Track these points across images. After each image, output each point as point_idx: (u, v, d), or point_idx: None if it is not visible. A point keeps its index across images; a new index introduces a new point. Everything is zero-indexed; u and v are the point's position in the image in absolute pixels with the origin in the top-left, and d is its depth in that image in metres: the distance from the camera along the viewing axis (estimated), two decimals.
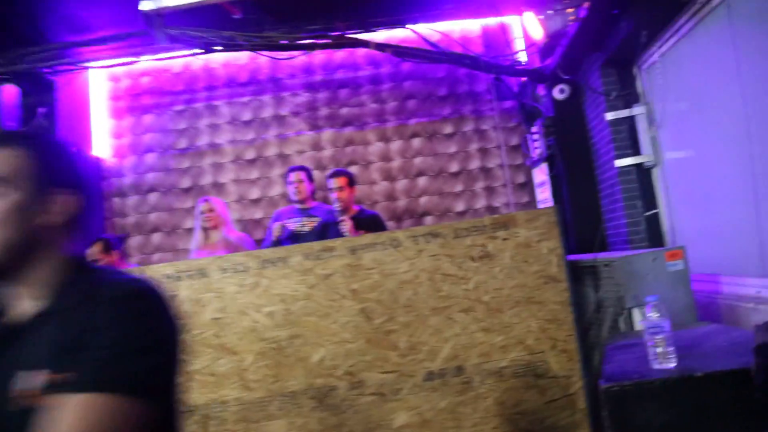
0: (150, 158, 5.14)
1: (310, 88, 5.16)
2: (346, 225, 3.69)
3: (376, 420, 2.79)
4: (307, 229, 3.91)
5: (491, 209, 5.06)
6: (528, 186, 5.06)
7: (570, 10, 3.20)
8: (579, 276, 2.99)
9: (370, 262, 2.85)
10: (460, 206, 5.07)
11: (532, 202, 5.01)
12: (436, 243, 2.85)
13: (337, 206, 3.82)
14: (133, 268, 2.88)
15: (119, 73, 5.19)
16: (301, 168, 4.04)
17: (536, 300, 2.81)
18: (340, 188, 3.82)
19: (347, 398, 2.80)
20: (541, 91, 4.47)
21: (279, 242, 3.80)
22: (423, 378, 2.80)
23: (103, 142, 5.13)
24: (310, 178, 4.02)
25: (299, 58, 5.13)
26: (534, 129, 4.61)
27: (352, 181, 3.92)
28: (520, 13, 3.72)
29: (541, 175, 4.68)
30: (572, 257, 3.27)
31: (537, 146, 4.59)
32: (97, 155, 5.08)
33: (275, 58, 4.69)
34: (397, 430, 2.78)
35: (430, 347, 2.81)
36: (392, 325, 2.82)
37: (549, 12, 3.23)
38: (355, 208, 4.03)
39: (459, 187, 5.08)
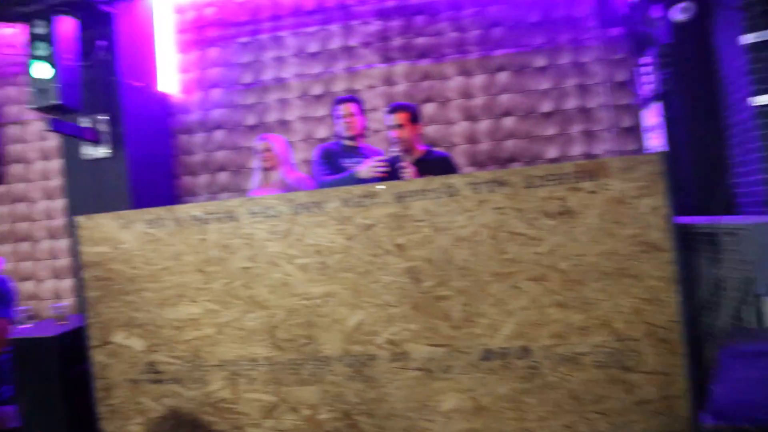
0: (216, 94, 4.87)
1: (381, 16, 4.60)
2: (408, 172, 3.17)
3: (421, 399, 2.36)
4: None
5: (590, 157, 4.32)
6: (636, 130, 4.26)
7: None
8: (691, 245, 2.33)
9: (419, 213, 2.36)
10: (552, 152, 4.39)
11: (640, 150, 4.23)
12: (501, 193, 2.30)
13: (396, 148, 3.32)
14: (160, 208, 2.59)
15: (184, 4, 4.90)
16: (351, 99, 3.57)
17: (630, 273, 2.20)
18: (401, 126, 3.29)
19: (388, 371, 2.39)
20: (656, 12, 3.61)
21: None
22: (479, 356, 2.32)
23: (169, 76, 4.91)
24: (362, 112, 3.54)
25: None
26: (645, 61, 3.79)
27: (415, 117, 3.37)
28: None
29: (652, 117, 3.88)
30: (684, 220, 2.58)
31: (648, 82, 3.78)
32: (164, 91, 4.88)
33: None
34: (445, 414, 2.35)
35: (489, 320, 2.30)
36: (444, 290, 2.34)
37: None
38: (420, 149, 3.49)
39: (552, 130, 4.38)
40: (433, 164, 3.43)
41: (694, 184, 3.56)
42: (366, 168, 3.24)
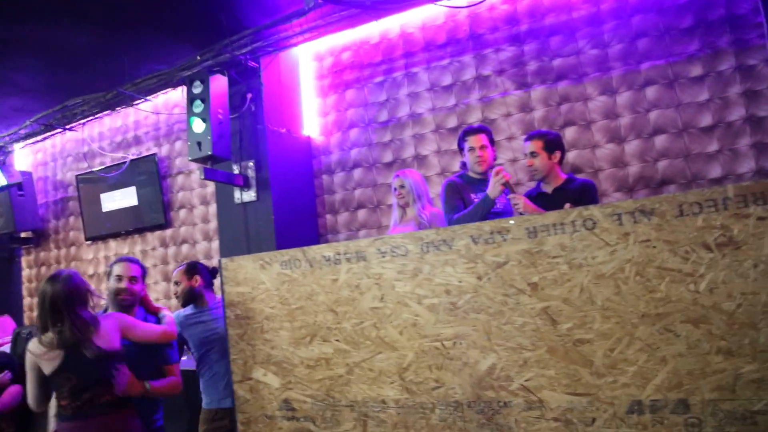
0: (353, 134, 5.05)
1: (514, 41, 4.45)
2: (518, 204, 3.00)
3: None
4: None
5: (764, 174, 3.76)
6: None
7: None
8: None
9: (554, 249, 2.18)
10: (715, 171, 3.88)
11: None
12: (649, 223, 2.04)
13: (536, 175, 3.21)
14: (294, 249, 2.68)
15: (322, 52, 5.19)
16: (481, 129, 3.42)
17: None
18: (533, 154, 3.14)
19: (523, 420, 2.21)
20: None
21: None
22: (627, 409, 2.05)
23: (311, 121, 5.19)
24: (492, 142, 3.40)
25: (501, 7, 4.48)
26: None
27: (550, 144, 3.19)
28: None
29: None
30: None
31: None
32: (307, 135, 5.16)
33: (471, 5, 4.12)
34: None
35: (638, 368, 2.04)
36: (584, 333, 2.12)
37: None
38: (561, 177, 3.28)
39: (714, 147, 3.88)
40: (573, 193, 3.20)
41: None
42: (492, 186, 3.10)
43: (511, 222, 2.26)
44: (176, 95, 5.60)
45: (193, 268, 3.40)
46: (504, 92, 4.49)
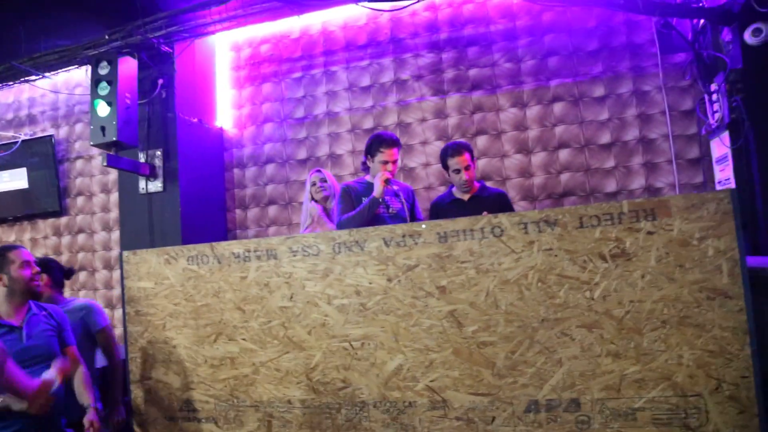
0: (268, 128, 4.94)
1: (434, 48, 4.55)
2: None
3: None
4: None
5: (652, 191, 4.08)
6: (703, 162, 3.99)
7: None
8: (766, 291, 2.10)
9: (463, 254, 2.25)
10: (611, 186, 4.16)
11: (708, 184, 3.95)
12: (552, 233, 2.16)
13: (466, 187, 3.32)
14: (202, 245, 2.59)
15: (240, 42, 5.05)
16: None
17: (693, 322, 2.00)
18: (467, 167, 3.26)
19: (427, 419, 2.26)
20: (726, 36, 3.40)
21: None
22: (524, 408, 2.16)
23: (225, 112, 5.03)
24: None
25: (422, 14, 4.56)
26: (714, 87, 3.56)
27: (473, 155, 3.34)
28: None
29: (721, 147, 3.62)
30: (757, 262, 2.35)
31: (717, 110, 3.54)
32: (220, 126, 5.00)
33: (394, 10, 4.16)
34: None
35: (536, 369, 2.14)
36: (488, 336, 2.20)
37: None
38: (475, 185, 3.39)
39: (611, 163, 4.16)
40: (488, 201, 3.32)
41: (767, 220, 3.27)
42: (377, 186, 3.15)
43: (423, 226, 2.31)
44: (79, 74, 5.23)
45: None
46: (420, 97, 4.58)
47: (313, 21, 4.81)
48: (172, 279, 2.63)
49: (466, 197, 3.36)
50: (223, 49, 5.08)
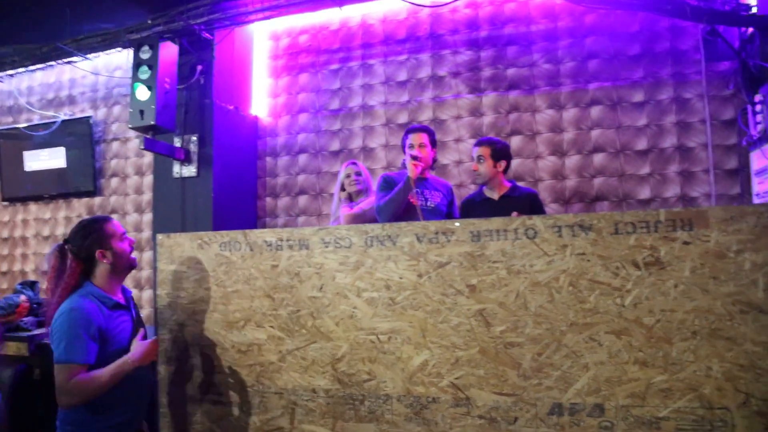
0: (303, 119, 4.99)
1: (472, 46, 4.54)
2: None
3: None
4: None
5: (687, 200, 4.02)
6: (742, 174, 3.91)
7: None
8: None
9: (495, 254, 2.25)
10: (644, 193, 4.11)
11: (745, 195, 3.87)
12: (586, 238, 2.14)
13: (478, 179, 3.33)
14: (235, 231, 2.63)
15: (279, 32, 5.10)
16: (423, 129, 3.41)
17: (725, 334, 1.98)
18: (480, 159, 3.26)
19: (450, 416, 2.27)
20: None
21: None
22: (548, 410, 2.15)
23: (260, 101, 5.09)
24: (434, 143, 3.42)
25: (463, 11, 4.54)
26: (759, 98, 3.48)
27: (497, 153, 3.31)
28: None
29: (762, 159, 3.54)
30: None
31: (760, 121, 3.46)
32: (255, 114, 5.06)
33: (423, 6, 4.16)
34: None
35: (561, 373, 2.14)
36: (515, 337, 2.20)
37: None
38: (505, 184, 3.39)
39: (646, 170, 4.11)
40: (518, 201, 3.31)
41: None
42: (409, 167, 3.15)
43: (457, 224, 2.32)
44: (119, 57, 5.34)
45: None
46: (457, 95, 4.57)
47: (352, 13, 4.83)
48: (204, 264, 2.68)
49: (496, 197, 3.36)
50: (262, 38, 5.13)
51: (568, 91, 4.30)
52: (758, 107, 3.49)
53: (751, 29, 3.52)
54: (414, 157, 3.16)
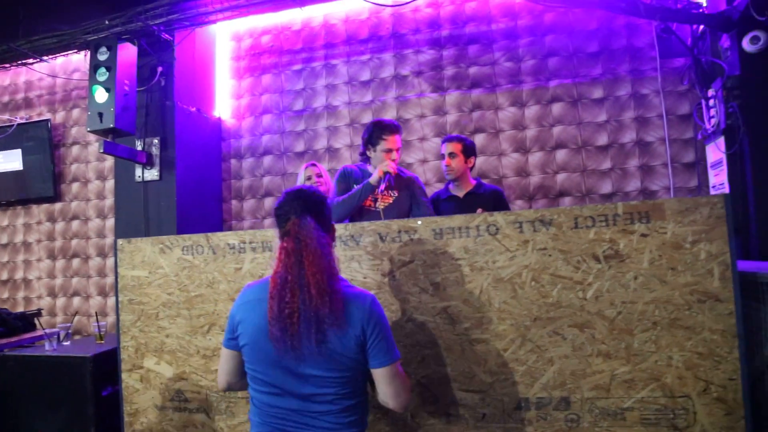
0: (267, 120, 4.94)
1: (435, 45, 4.55)
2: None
3: None
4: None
5: (647, 193, 4.10)
6: (698, 167, 4.01)
7: None
8: (755, 295, 2.12)
9: (458, 251, 2.26)
10: (606, 187, 4.18)
11: (702, 188, 3.97)
12: (547, 233, 2.17)
13: (450, 175, 3.37)
14: (198, 234, 2.58)
15: (241, 33, 5.03)
16: (395, 128, 3.28)
17: (684, 324, 2.03)
18: (452, 155, 3.33)
19: (417, 414, 2.27)
20: (724, 42, 3.42)
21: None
22: (515, 405, 2.18)
23: (223, 102, 5.02)
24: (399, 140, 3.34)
25: (424, 10, 4.56)
26: (711, 93, 3.58)
27: (467, 150, 3.37)
28: None
29: (717, 152, 3.64)
30: (747, 266, 2.37)
31: (713, 115, 3.56)
32: (218, 116, 4.99)
33: (384, 5, 4.16)
34: None
35: (527, 368, 2.16)
36: (480, 334, 2.22)
37: None
38: (471, 182, 3.43)
39: (607, 165, 4.18)
40: (483, 198, 3.34)
41: (759, 226, 3.30)
42: (375, 173, 3.07)
43: (419, 222, 2.32)
44: (78, 59, 5.21)
45: None
46: (420, 93, 4.58)
47: (315, 13, 4.79)
48: (167, 268, 2.63)
49: (461, 194, 3.39)
50: (224, 39, 5.06)
51: (530, 88, 4.35)
52: (711, 102, 3.59)
53: (702, 26, 3.61)
54: (386, 171, 3.06)
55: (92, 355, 3.11)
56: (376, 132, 3.20)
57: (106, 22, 4.26)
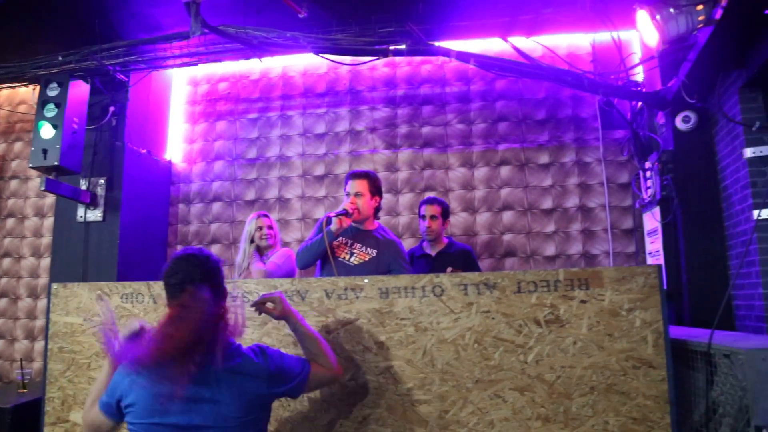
0: (219, 166, 4.90)
1: (390, 103, 4.69)
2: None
3: None
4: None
5: (588, 257, 4.25)
6: (636, 233, 4.20)
7: (700, 8, 2.40)
8: (686, 361, 2.21)
9: (403, 311, 2.27)
10: (550, 250, 4.32)
11: (640, 253, 4.15)
12: (491, 296, 2.21)
13: (430, 236, 3.50)
14: (138, 282, 2.50)
15: (198, 78, 5.05)
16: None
17: (620, 389, 2.08)
18: (434, 217, 3.47)
19: None
20: (660, 119, 3.66)
21: None
22: None
23: (175, 146, 4.97)
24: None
25: (382, 69, 4.70)
26: (648, 165, 3.80)
27: (446, 212, 3.56)
28: (634, 17, 2.93)
29: (653, 221, 3.84)
30: (679, 333, 2.47)
31: (650, 186, 3.76)
32: (169, 159, 4.93)
33: (343, 63, 4.29)
34: None
35: (468, 430, 2.16)
36: (423, 394, 2.21)
37: (670, 11, 2.44)
38: (444, 241, 3.54)
39: (551, 228, 4.33)
40: (454, 257, 3.42)
41: (690, 293, 3.46)
42: (333, 221, 2.95)
43: (366, 280, 2.33)
44: (25, 91, 5.08)
45: None
46: (373, 149, 4.67)
47: (273, 64, 4.87)
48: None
49: (434, 252, 3.46)
50: (180, 83, 5.06)
51: (480, 150, 4.50)
52: (648, 173, 3.80)
53: (640, 103, 3.86)
54: (344, 213, 2.96)
55: (12, 406, 2.92)
56: (346, 178, 3.17)
57: (60, 58, 4.19)
